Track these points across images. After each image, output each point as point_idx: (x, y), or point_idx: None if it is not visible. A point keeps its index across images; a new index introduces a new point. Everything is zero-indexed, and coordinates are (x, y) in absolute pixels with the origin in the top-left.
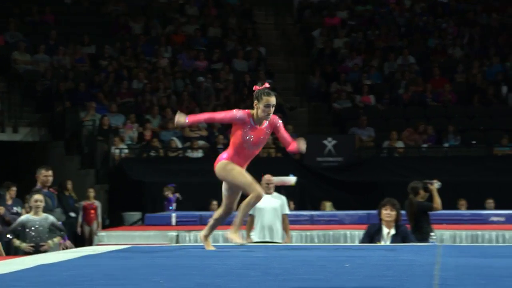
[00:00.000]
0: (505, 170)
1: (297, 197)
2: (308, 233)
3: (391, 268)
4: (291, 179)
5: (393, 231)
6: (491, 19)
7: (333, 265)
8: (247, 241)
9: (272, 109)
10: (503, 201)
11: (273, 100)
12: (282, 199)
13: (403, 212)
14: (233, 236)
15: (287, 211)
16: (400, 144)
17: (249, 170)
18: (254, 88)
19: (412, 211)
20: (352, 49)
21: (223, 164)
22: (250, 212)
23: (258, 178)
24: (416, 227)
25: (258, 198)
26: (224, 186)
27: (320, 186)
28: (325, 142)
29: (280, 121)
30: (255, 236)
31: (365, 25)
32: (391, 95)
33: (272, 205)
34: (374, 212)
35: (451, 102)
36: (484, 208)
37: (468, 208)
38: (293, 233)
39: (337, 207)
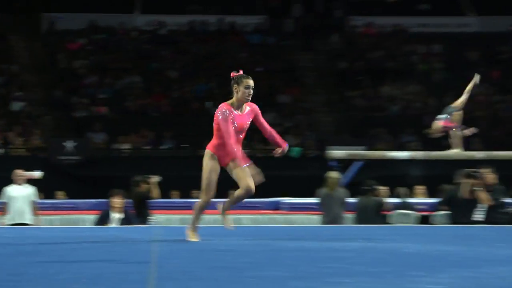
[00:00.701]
0: None
1: (44, 188)
2: (52, 217)
3: (120, 245)
4: (38, 174)
5: (121, 216)
6: (200, 48)
7: (75, 242)
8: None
9: (252, 91)
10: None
11: (251, 82)
12: (32, 189)
13: (129, 200)
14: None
15: (36, 199)
16: (127, 146)
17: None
18: (231, 75)
19: (136, 199)
20: (90, 69)
21: (206, 154)
22: (5, 200)
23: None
24: (139, 213)
25: (206, 204)
26: (229, 172)
27: (62, 180)
28: (66, 143)
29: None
30: (8, 220)
31: (101, 49)
32: (120, 106)
33: (22, 194)
34: (105, 200)
35: (168, 113)
36: (192, 197)
37: (180, 197)
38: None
39: (75, 196)
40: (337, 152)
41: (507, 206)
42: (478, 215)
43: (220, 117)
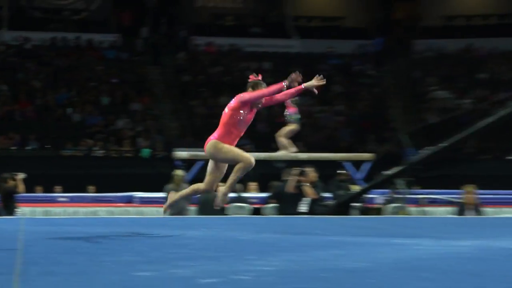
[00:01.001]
0: (69, 166)
1: None
2: None
3: None
4: None
5: None
6: (61, 61)
7: None
8: None
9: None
10: (67, 187)
11: None
12: None
13: None
14: (223, 197)
15: None
16: None
17: None
18: (250, 77)
19: (3, 194)
20: None
21: (214, 143)
22: None
23: None
24: (6, 206)
25: (250, 164)
26: (210, 164)
27: None
28: None
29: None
30: None
31: None
32: None
33: None
34: None
35: (33, 118)
36: (54, 192)
37: (43, 192)
38: None
39: None
40: (182, 153)
41: (326, 199)
42: (303, 207)
43: (249, 92)
